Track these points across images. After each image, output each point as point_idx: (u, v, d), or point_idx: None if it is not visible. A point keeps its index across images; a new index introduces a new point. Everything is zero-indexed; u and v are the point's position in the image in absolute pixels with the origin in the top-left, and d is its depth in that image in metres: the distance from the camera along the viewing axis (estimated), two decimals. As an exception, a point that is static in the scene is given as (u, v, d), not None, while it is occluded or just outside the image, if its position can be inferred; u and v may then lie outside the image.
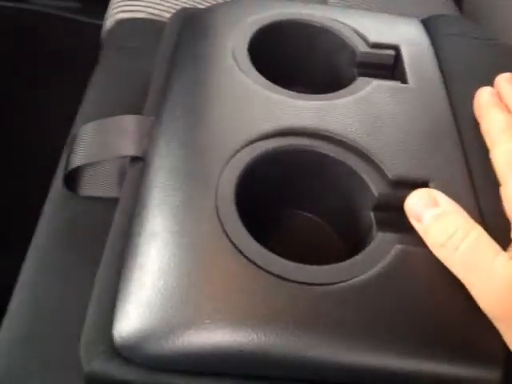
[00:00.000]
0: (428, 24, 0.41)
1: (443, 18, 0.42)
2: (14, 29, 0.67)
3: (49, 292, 0.31)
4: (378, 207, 0.30)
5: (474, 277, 0.27)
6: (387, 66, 0.38)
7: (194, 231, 0.28)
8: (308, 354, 0.25)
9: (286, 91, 0.34)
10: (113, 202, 0.33)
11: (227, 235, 0.27)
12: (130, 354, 0.26)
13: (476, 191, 0.31)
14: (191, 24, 0.39)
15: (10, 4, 0.68)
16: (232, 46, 0.36)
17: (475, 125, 0.35)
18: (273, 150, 0.31)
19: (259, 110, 0.33)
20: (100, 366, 0.25)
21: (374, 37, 0.38)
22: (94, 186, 0.35)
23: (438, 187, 0.30)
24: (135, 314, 0.26)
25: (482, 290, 0.27)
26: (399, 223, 0.29)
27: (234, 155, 0.30)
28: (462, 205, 0.29)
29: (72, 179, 0.35)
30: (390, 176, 0.31)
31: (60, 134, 0.40)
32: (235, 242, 0.27)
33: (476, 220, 0.28)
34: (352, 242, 0.32)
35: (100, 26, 0.49)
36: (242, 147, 0.31)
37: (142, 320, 0.26)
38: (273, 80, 0.35)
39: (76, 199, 0.35)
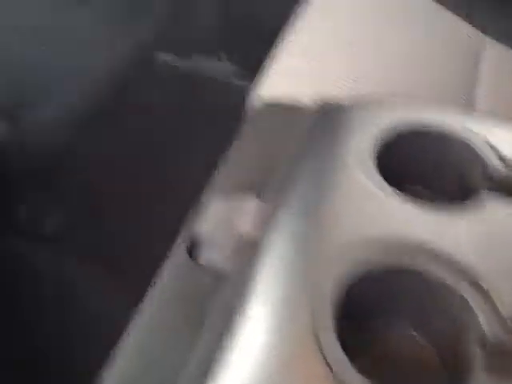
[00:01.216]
0: None
1: None
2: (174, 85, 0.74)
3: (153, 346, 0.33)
4: (487, 347, 0.29)
5: None
6: (519, 183, 0.36)
7: (286, 334, 0.29)
8: None
9: (403, 197, 0.34)
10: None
11: (320, 348, 0.28)
12: None
13: None
14: (327, 120, 0.41)
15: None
16: (360, 147, 0.37)
17: None
18: (379, 267, 0.31)
19: (371, 215, 0.33)
20: None
21: (509, 152, 0.37)
22: (213, 256, 0.38)
23: None
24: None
25: None
26: (508, 368, 0.28)
27: (338, 259, 0.31)
28: None
29: (194, 247, 0.38)
30: (506, 318, 0.29)
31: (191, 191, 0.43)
32: (326, 354, 0.27)
33: None
34: (454, 371, 0.31)
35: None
36: (347, 252, 0.31)
37: None
38: (397, 182, 0.36)
39: (195, 266, 0.38)
